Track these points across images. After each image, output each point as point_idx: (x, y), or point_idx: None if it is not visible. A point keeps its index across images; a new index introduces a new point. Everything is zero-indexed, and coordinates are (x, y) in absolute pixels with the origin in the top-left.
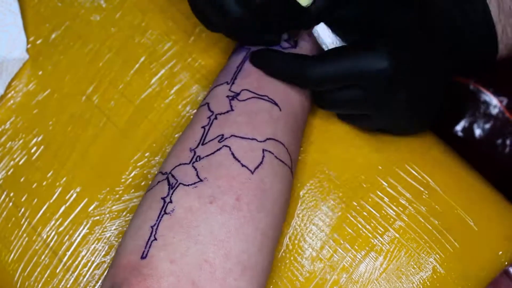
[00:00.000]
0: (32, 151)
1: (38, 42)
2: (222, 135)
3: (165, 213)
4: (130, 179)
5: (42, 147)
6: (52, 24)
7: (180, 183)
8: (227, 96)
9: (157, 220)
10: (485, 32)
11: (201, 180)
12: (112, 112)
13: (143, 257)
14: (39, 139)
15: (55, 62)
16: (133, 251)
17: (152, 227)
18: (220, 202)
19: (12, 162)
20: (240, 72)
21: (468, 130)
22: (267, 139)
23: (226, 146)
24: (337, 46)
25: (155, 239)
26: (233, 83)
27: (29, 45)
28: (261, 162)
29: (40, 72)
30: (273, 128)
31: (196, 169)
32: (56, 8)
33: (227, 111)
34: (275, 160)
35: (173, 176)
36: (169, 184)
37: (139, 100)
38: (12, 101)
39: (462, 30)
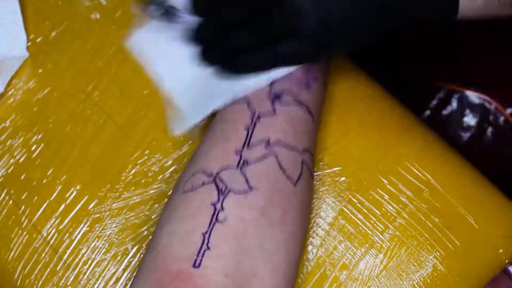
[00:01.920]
0: (32, 149)
1: (38, 40)
2: (268, 140)
3: (217, 221)
4: (130, 177)
5: (42, 145)
6: (52, 22)
7: (230, 190)
8: (269, 97)
9: (208, 228)
10: None
11: (251, 189)
12: (112, 109)
13: (195, 265)
14: (39, 137)
15: (55, 60)
16: (184, 258)
17: (204, 234)
18: (270, 214)
19: (12, 160)
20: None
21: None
22: (304, 150)
23: (273, 153)
24: None
25: (208, 248)
26: (272, 82)
27: (29, 43)
28: (300, 174)
29: (40, 70)
30: (309, 138)
31: (245, 176)
32: (56, 6)
33: (270, 114)
34: (308, 171)
35: (221, 180)
36: (218, 189)
37: (139, 97)
38: (12, 99)
39: None
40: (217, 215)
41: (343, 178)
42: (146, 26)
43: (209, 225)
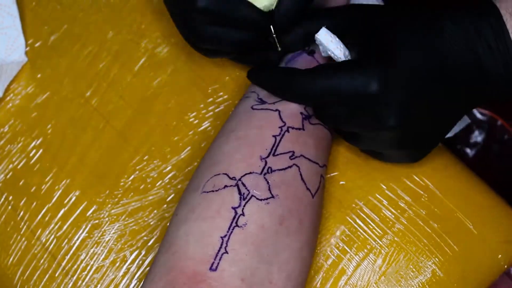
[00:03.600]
0: (31, 154)
1: (37, 44)
2: (293, 152)
3: (237, 225)
4: (129, 183)
5: (41, 150)
6: (51, 27)
7: (252, 195)
8: (301, 114)
9: (228, 231)
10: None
11: (273, 197)
12: (111, 115)
13: (212, 268)
14: (38, 142)
15: (54, 65)
16: (201, 260)
17: (222, 237)
18: (288, 223)
19: (11, 166)
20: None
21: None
22: (324, 165)
23: (296, 165)
24: (341, 50)
25: (226, 251)
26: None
27: (27, 48)
28: (318, 187)
29: (39, 75)
30: (327, 155)
31: (268, 183)
32: (55, 11)
33: (299, 128)
34: (323, 186)
35: (243, 184)
36: (240, 193)
37: (138, 103)
38: (11, 104)
39: (486, 69)
40: (237, 220)
41: (342, 184)
42: None
43: (229, 228)
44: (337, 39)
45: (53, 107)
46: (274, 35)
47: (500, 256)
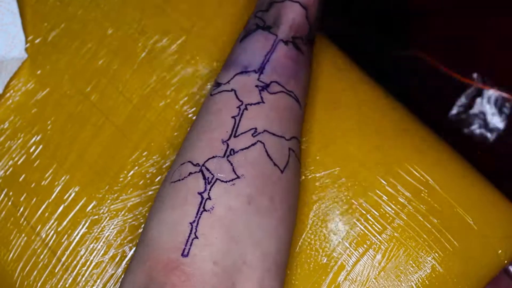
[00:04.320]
0: (31, 150)
1: (37, 41)
2: (255, 128)
3: (204, 210)
4: (128, 178)
5: (41, 146)
6: (50, 23)
7: (217, 179)
8: (257, 86)
9: (196, 217)
10: None
11: (238, 177)
12: (111, 111)
13: (184, 254)
14: (38, 138)
15: (54, 61)
16: (173, 247)
17: (191, 223)
18: (257, 202)
19: (11, 162)
20: (268, 62)
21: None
22: (292, 137)
23: (260, 142)
24: None
25: (196, 237)
26: (261, 72)
27: (27, 44)
28: (287, 162)
29: (39, 72)
30: (296, 126)
31: (232, 164)
32: (54, 7)
33: (258, 103)
34: (295, 159)
35: (207, 169)
36: (204, 178)
37: (137, 99)
38: (10, 101)
39: None
40: (204, 204)
41: (341, 179)
42: None
43: (196, 214)
44: None
45: (52, 104)
46: None
47: (500, 251)
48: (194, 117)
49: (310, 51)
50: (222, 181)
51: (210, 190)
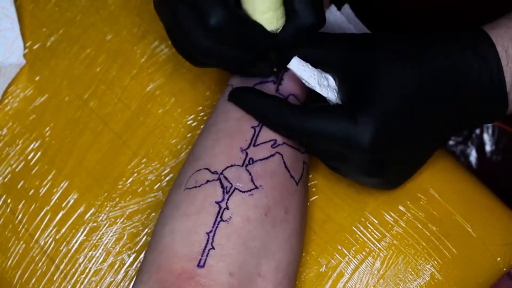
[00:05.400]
0: (30, 157)
1: (35, 47)
2: (275, 140)
3: (222, 220)
4: (127, 185)
5: (39, 153)
6: (49, 29)
7: (235, 188)
8: None
9: (213, 227)
10: (498, 93)
11: (256, 188)
12: (109, 117)
13: (200, 265)
14: (36, 145)
15: (52, 67)
16: (188, 257)
17: (208, 233)
18: (273, 213)
19: (9, 168)
20: (286, 72)
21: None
22: (306, 150)
23: (279, 153)
24: (315, 79)
25: (213, 247)
26: (280, 83)
27: (26, 50)
28: (301, 174)
29: (37, 78)
30: None
31: (250, 174)
32: (53, 13)
33: None
34: (307, 172)
35: (226, 178)
36: (222, 187)
37: (136, 105)
38: (9, 107)
39: (473, 92)
40: (222, 214)
41: (340, 187)
42: None
43: (214, 223)
44: (310, 67)
45: (51, 110)
46: (272, 59)
47: (499, 259)
48: (193, 124)
49: None
50: (240, 191)
51: (228, 199)
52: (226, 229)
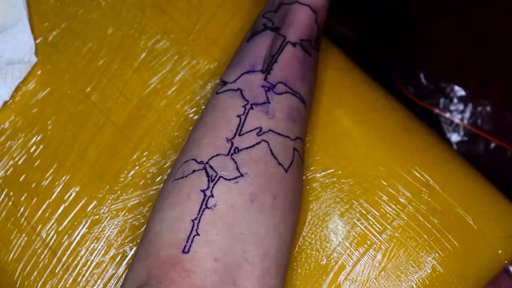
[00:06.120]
0: (32, 150)
1: (37, 41)
2: (260, 128)
3: (207, 207)
4: (129, 178)
5: (41, 146)
6: (51, 23)
7: (220, 177)
8: (263, 86)
9: (198, 214)
10: None
11: (241, 175)
12: (111, 111)
13: (185, 251)
14: (38, 138)
15: (54, 61)
16: (174, 244)
17: (193, 220)
18: (260, 200)
19: (11, 162)
20: (276, 62)
21: None
22: (297, 137)
23: (264, 141)
24: None
25: (198, 234)
26: (269, 73)
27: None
28: (292, 161)
29: (39, 72)
30: (301, 127)
31: (235, 162)
32: (55, 8)
33: (264, 103)
34: (299, 159)
35: (211, 167)
36: (208, 175)
37: (138, 99)
38: (11, 101)
39: None
40: (206, 202)
41: (342, 179)
42: None
43: (199, 211)
44: None
45: (53, 104)
46: None
47: (500, 251)
48: (195, 117)
49: (317, 53)
50: (225, 179)
51: (213, 187)
52: (211, 216)
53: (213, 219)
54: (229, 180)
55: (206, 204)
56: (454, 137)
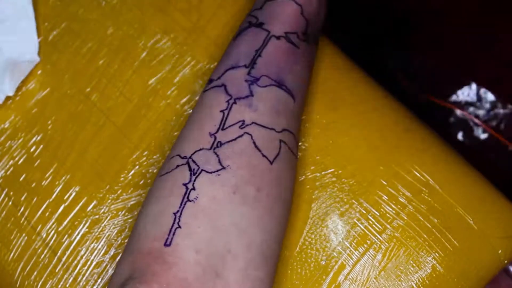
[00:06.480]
0: (32, 150)
1: (38, 41)
2: (243, 121)
3: (188, 200)
4: (129, 178)
5: (41, 146)
6: (51, 23)
7: (202, 170)
8: (246, 81)
9: (180, 207)
10: None
11: (223, 168)
12: (111, 110)
13: (166, 244)
14: (38, 138)
15: (54, 61)
16: (156, 237)
17: (175, 214)
18: (243, 192)
19: (11, 161)
20: (260, 57)
21: None
22: (283, 129)
23: (247, 133)
24: None
25: (179, 226)
26: (252, 67)
27: None
28: (278, 153)
29: (39, 71)
30: (288, 119)
31: (218, 156)
32: (55, 7)
33: (247, 96)
34: (288, 151)
35: (194, 161)
36: (190, 169)
37: (138, 98)
38: (11, 100)
39: None
40: (188, 195)
41: (342, 179)
42: None
43: (181, 204)
44: None
45: (53, 103)
46: None
47: (500, 251)
48: None
49: (311, 47)
50: (207, 172)
51: (195, 181)
52: (192, 209)
53: (195, 211)
54: (211, 173)
55: (187, 197)
56: (470, 139)
